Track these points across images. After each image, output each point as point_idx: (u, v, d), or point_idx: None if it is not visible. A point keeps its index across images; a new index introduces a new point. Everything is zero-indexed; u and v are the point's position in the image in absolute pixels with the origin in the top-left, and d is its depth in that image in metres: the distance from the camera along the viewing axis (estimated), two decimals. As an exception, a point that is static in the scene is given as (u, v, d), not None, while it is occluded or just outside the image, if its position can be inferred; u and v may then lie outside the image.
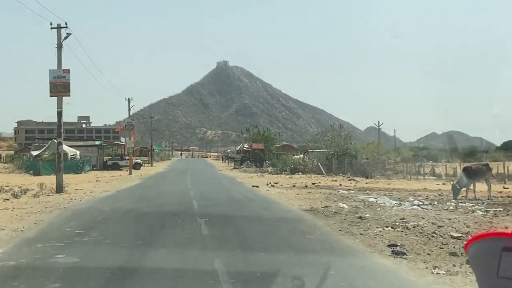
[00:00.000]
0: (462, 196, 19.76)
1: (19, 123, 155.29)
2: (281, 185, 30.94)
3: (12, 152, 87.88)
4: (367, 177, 41.56)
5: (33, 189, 23.61)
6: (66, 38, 21.32)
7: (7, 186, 24.94)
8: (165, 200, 19.98)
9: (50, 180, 28.59)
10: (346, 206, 16.45)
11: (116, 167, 52.99)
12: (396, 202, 17.91)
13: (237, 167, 66.00)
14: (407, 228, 11.85)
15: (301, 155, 59.61)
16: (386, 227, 12.16)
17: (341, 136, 59.50)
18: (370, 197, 20.58)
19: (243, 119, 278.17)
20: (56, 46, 21.35)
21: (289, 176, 44.32)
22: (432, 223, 12.83)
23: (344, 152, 53.77)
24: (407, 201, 18.84)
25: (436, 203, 18.36)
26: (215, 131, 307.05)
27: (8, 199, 18.40)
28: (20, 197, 19.62)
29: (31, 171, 43.52)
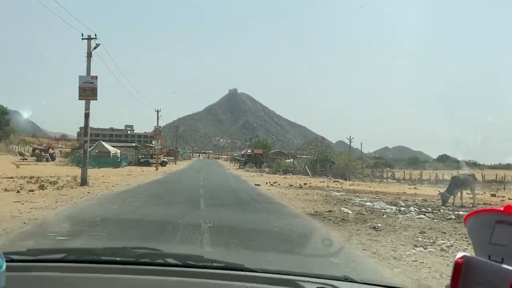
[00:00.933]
0: (449, 203, 16.15)
1: (80, 128, 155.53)
2: (279, 185, 25.91)
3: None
4: (345, 179, 39.01)
5: (65, 180, 19.51)
6: (95, 48, 18.23)
7: (50, 176, 21.44)
8: (176, 197, 14.82)
9: (89, 172, 25.55)
10: (350, 212, 12.25)
11: (147, 163, 49.15)
12: (394, 208, 13.71)
13: (241, 167, 63.88)
14: (443, 249, 7.12)
15: (291, 160, 57.33)
16: (416, 246, 7.32)
17: (323, 146, 57.22)
18: (366, 201, 16.44)
19: (246, 132, 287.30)
20: (86, 55, 17.98)
21: (283, 176, 41.65)
22: (462, 239, 8.48)
23: (325, 158, 51.60)
24: (401, 206, 14.80)
25: (430, 210, 13.94)
26: (226, 140, 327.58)
27: (32, 191, 14.05)
28: (45, 188, 15.34)
29: (80, 165, 45.36)
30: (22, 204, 10.99)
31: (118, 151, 50.15)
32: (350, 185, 31.85)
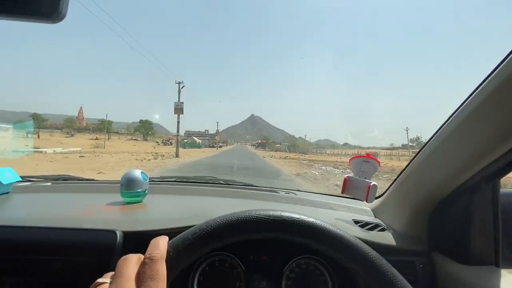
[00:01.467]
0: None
1: (186, 131, 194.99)
2: (274, 157, 30.44)
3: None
4: (305, 154, 52.83)
5: (170, 154, 23.65)
6: (182, 87, 23.67)
7: (165, 152, 26.28)
8: (226, 156, 23.97)
9: (185, 151, 31.04)
10: (317, 173, 12.97)
11: (213, 147, 65.21)
12: (340, 170, 15.46)
13: (255, 148, 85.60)
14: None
15: (279, 145, 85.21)
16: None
17: (293, 139, 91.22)
18: (321, 166, 18.11)
19: (257, 132, 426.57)
20: (177, 91, 23.41)
21: (274, 152, 56.93)
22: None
23: (294, 144, 77.80)
24: (342, 168, 16.51)
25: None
26: (250, 136, 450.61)
27: (152, 158, 17.30)
28: (157, 158, 18.47)
29: (184, 147, 54.78)
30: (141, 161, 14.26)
31: (201, 141, 66.45)
32: (308, 157, 38.33)
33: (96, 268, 0.54)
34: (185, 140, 67.33)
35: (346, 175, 0.89)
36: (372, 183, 0.82)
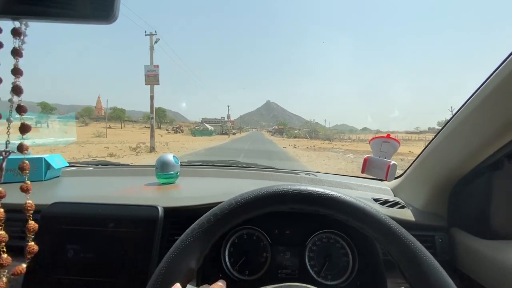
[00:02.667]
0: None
1: (203, 118, 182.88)
2: (297, 146, 22.47)
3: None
4: (330, 140, 44.96)
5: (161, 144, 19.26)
6: (156, 41, 15.11)
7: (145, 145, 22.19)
8: (240, 140, 21.12)
9: (186, 139, 28.24)
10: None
11: (225, 134, 61.22)
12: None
13: (272, 135, 79.35)
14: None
15: (298, 130, 78.92)
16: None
17: (313, 124, 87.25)
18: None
19: (273, 119, 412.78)
20: (150, 57, 14.75)
21: (293, 138, 50.22)
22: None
23: (314, 129, 69.24)
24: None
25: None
26: (266, 123, 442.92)
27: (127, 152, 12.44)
28: (135, 151, 13.57)
29: (194, 135, 53.03)
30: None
31: (212, 128, 61.74)
32: (342, 145, 27.85)
33: (142, 238, 0.63)
34: (196, 127, 63.57)
35: (366, 156, 0.89)
36: (392, 162, 0.83)
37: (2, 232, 0.48)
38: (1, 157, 0.44)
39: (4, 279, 0.48)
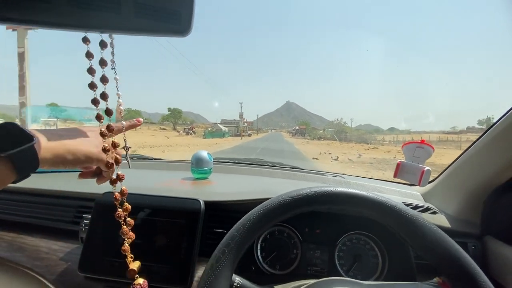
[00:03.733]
0: None
1: (222, 119, 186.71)
2: (337, 157, 12.59)
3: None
4: (367, 143, 36.12)
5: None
6: None
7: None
8: (255, 143, 17.79)
9: (199, 141, 25.01)
10: None
11: (239, 135, 53.75)
12: None
13: (292, 136, 67.20)
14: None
15: (322, 131, 68.21)
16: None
17: (340, 125, 74.67)
18: None
19: (294, 120, 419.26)
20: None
21: (317, 141, 40.49)
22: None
23: (341, 130, 59.90)
24: None
25: None
26: (286, 124, 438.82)
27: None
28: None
29: (204, 137, 45.99)
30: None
31: (226, 129, 55.74)
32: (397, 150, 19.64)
33: (186, 229, 0.68)
34: (209, 129, 58.57)
35: (399, 161, 0.90)
36: (426, 168, 0.84)
37: (131, 233, 0.48)
38: (125, 151, 0.48)
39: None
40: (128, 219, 0.48)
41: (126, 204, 0.48)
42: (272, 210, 0.49)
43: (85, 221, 0.72)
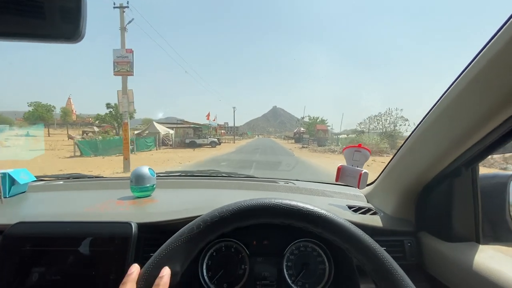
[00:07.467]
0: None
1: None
2: None
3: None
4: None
5: None
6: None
7: None
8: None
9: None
10: None
11: (191, 144, 26.84)
12: None
13: (291, 142, 42.68)
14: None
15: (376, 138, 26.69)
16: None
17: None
18: None
19: (280, 125, 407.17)
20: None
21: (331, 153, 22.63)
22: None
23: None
24: None
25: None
26: (273, 129, 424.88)
27: None
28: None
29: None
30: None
31: (172, 132, 28.66)
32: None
33: (114, 257, 0.60)
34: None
35: (339, 164, 0.91)
36: (363, 171, 0.86)
37: None
38: None
39: None
40: None
41: None
42: (262, 209, 0.46)
43: None
